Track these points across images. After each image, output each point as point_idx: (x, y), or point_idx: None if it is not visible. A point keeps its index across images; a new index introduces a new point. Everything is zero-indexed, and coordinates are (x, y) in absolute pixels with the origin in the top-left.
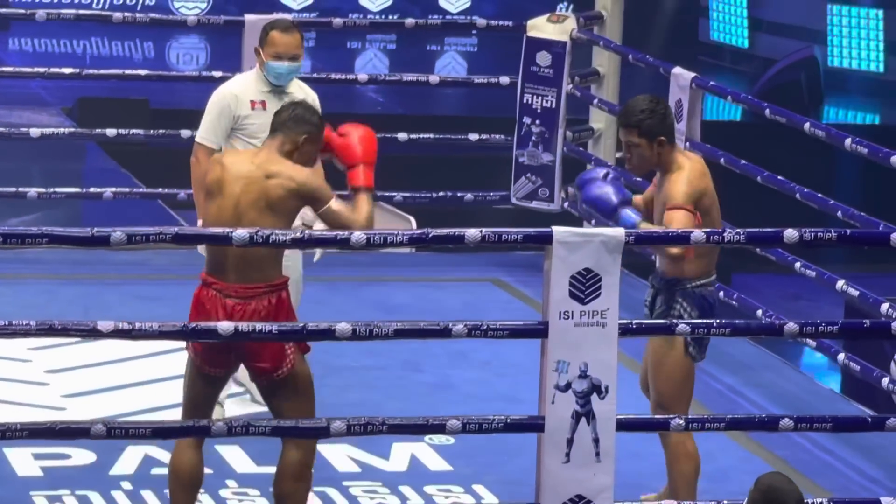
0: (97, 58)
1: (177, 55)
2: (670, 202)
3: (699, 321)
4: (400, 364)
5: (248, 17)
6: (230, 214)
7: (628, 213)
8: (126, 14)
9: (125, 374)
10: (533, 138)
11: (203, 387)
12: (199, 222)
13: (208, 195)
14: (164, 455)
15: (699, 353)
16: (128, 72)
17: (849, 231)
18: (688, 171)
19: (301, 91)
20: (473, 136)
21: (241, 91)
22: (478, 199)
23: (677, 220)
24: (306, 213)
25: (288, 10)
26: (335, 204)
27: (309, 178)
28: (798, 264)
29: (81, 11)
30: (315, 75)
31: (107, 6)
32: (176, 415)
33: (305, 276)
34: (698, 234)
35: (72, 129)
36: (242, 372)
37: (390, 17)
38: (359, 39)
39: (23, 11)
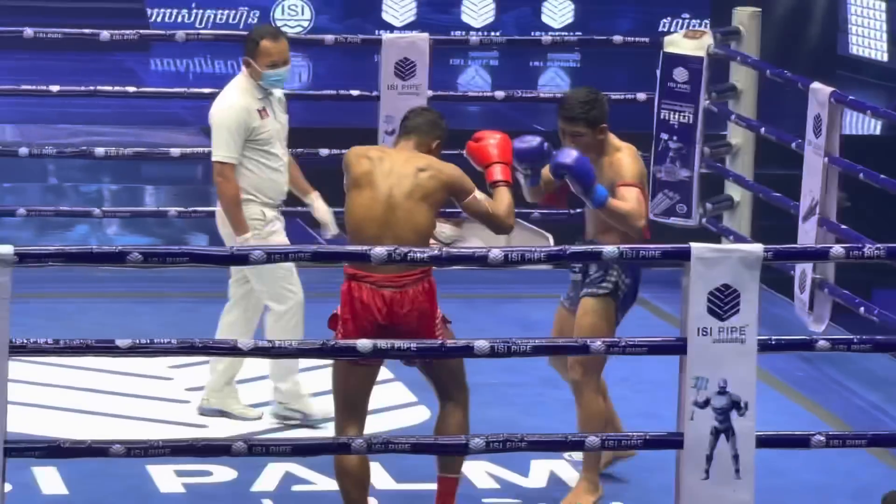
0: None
1: None
2: (622, 180)
3: (840, 337)
4: (538, 381)
5: (386, 36)
6: (383, 206)
7: (601, 187)
8: None
9: (265, 391)
10: (670, 154)
11: (357, 381)
12: (245, 236)
13: (355, 187)
14: (304, 472)
15: (622, 316)
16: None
17: None
18: (630, 153)
19: (279, 92)
20: None
21: (247, 103)
22: None
23: (633, 197)
24: (442, 229)
25: (389, 26)
26: (479, 194)
27: (456, 171)
28: None
29: (220, 32)
30: (450, 92)
31: (210, 25)
32: (318, 431)
33: (444, 292)
34: (838, 249)
35: (211, 149)
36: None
37: (493, 33)
38: (461, 56)
39: (163, 32)
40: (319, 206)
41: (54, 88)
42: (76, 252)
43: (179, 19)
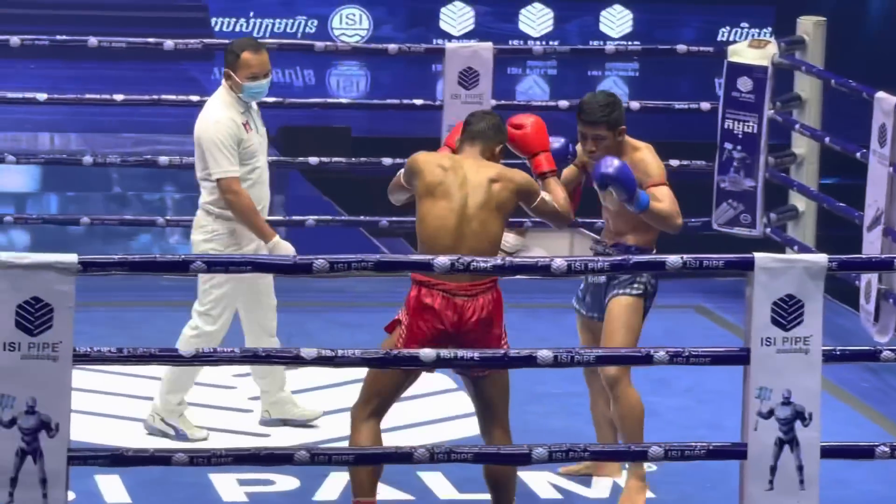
0: (305, 86)
1: (337, 82)
2: (651, 180)
3: None
4: None
5: (449, 46)
6: (457, 216)
7: (643, 192)
8: (328, 43)
9: (328, 400)
10: (734, 164)
11: (400, 379)
12: (272, 242)
13: (428, 196)
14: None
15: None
16: (330, 100)
17: None
18: (651, 151)
19: (255, 104)
20: (674, 162)
21: (234, 116)
22: None
23: (667, 195)
24: (506, 239)
25: (448, 35)
26: (545, 195)
27: (524, 177)
28: None
29: (283, 41)
30: (513, 101)
31: (268, 34)
32: (397, 437)
33: (508, 301)
34: None
35: (275, 158)
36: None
37: (551, 42)
38: (519, 65)
39: (226, 41)
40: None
41: (118, 97)
42: (140, 261)
43: (238, 28)
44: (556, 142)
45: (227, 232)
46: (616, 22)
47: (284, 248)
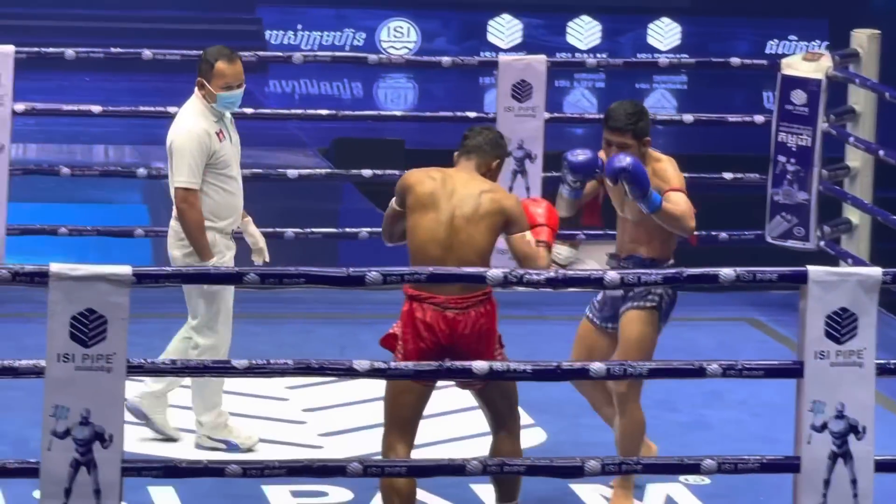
0: (353, 99)
1: (384, 94)
2: (669, 186)
3: None
4: (655, 403)
5: (502, 58)
6: (446, 227)
7: (655, 193)
8: (381, 56)
9: (379, 413)
10: (788, 177)
11: (413, 401)
12: (212, 262)
13: (419, 208)
14: (420, 493)
15: (663, 326)
16: (383, 112)
17: None
18: (672, 163)
19: (229, 113)
20: (728, 175)
21: (207, 126)
22: (732, 238)
23: (682, 200)
24: (559, 250)
25: (496, 48)
26: (528, 235)
27: (516, 202)
28: None
29: (337, 53)
30: (567, 114)
31: (316, 47)
32: (433, 453)
33: (559, 314)
34: None
35: (328, 170)
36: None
37: (598, 55)
38: (566, 78)
39: (281, 54)
40: (254, 232)
41: (172, 110)
42: (193, 273)
43: (287, 41)
44: (584, 154)
45: (219, 237)
46: (664, 35)
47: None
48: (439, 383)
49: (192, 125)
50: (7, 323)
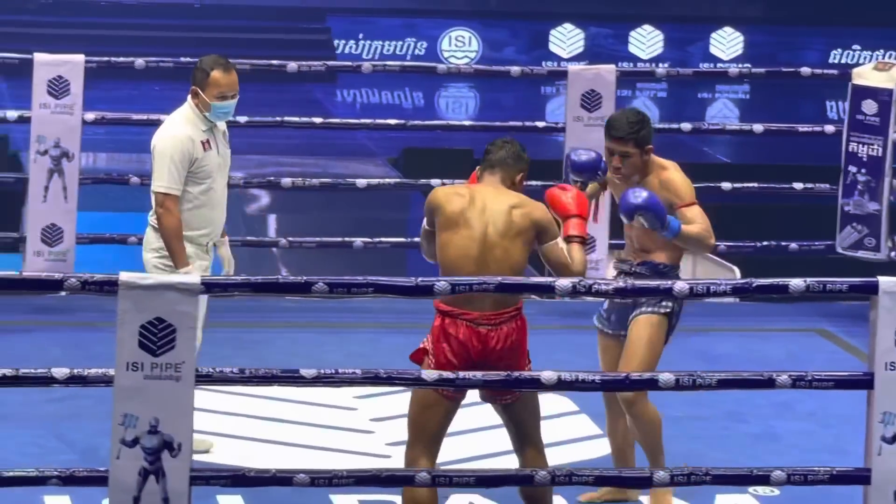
0: (415, 108)
1: (446, 103)
2: (682, 201)
3: None
4: (724, 414)
5: (572, 68)
6: (479, 244)
7: (673, 218)
8: (449, 66)
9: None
10: (859, 187)
11: (441, 414)
12: (186, 269)
13: (450, 226)
14: (487, 503)
15: (669, 338)
16: (452, 122)
17: None
18: (678, 169)
19: (223, 124)
20: (798, 186)
21: (191, 134)
22: (802, 248)
23: (698, 215)
24: None
25: (558, 57)
26: (561, 241)
27: (545, 212)
28: None
29: (406, 63)
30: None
31: (378, 56)
32: (500, 463)
33: None
34: None
35: (397, 180)
36: None
37: (661, 65)
38: (628, 87)
39: (350, 64)
40: (224, 253)
41: (242, 119)
42: (262, 282)
43: (348, 50)
44: (586, 154)
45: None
46: (726, 44)
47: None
48: (465, 400)
49: (177, 130)
50: (77, 332)
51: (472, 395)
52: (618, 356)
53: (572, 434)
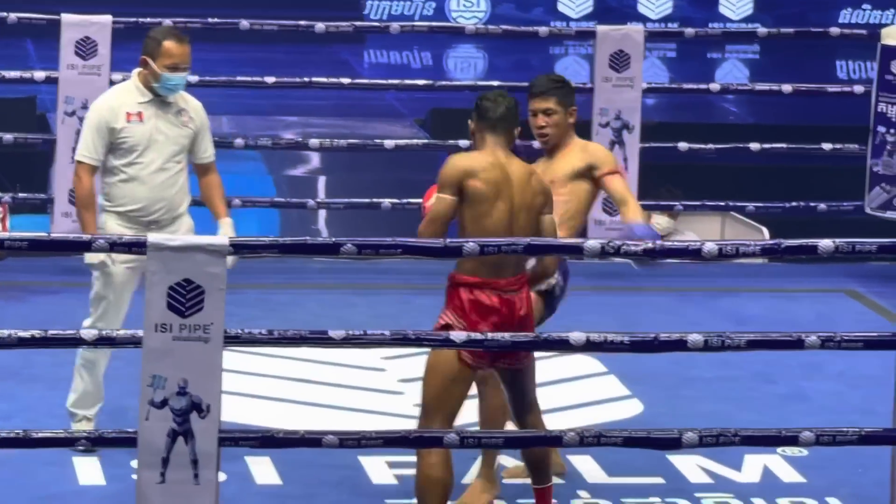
0: (423, 68)
1: (454, 63)
2: (606, 167)
3: None
4: (752, 375)
5: (600, 28)
6: (507, 214)
7: (642, 227)
8: (478, 26)
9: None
10: (888, 147)
11: (462, 383)
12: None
13: (482, 199)
14: (514, 464)
15: (549, 315)
16: (480, 83)
17: None
18: (592, 143)
19: (184, 100)
20: (827, 146)
21: (116, 103)
22: (831, 209)
23: (626, 185)
24: (658, 221)
25: (566, 17)
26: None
27: (548, 184)
28: None
29: (434, 24)
30: (654, 84)
31: (386, 17)
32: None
33: (658, 285)
34: None
35: (425, 141)
36: None
37: (669, 24)
38: None
39: (378, 24)
40: (226, 235)
41: (270, 80)
42: (290, 243)
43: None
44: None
45: (115, 222)
46: (735, 5)
47: (95, 256)
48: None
49: (102, 100)
50: None
51: None
52: None
53: (600, 395)
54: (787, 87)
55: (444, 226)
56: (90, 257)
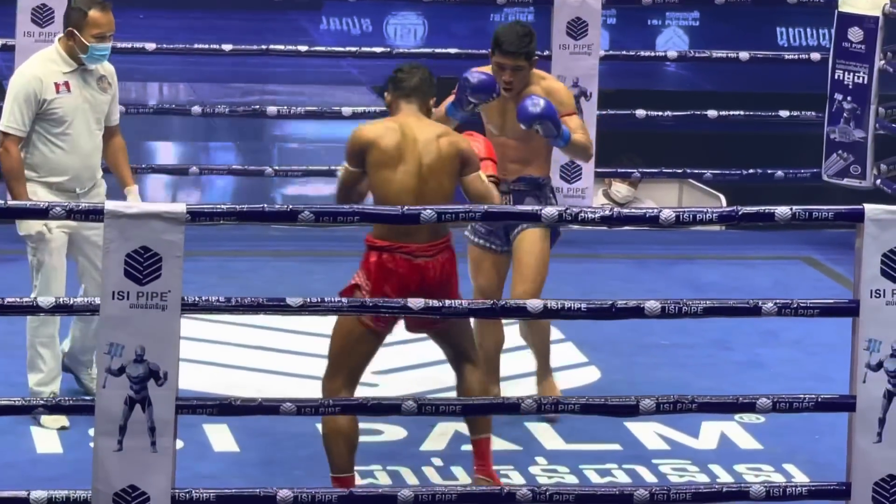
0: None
1: (394, 30)
2: (565, 108)
3: None
4: (710, 342)
5: None
6: (415, 178)
7: (565, 127)
8: None
9: (435, 351)
10: (844, 115)
11: (368, 345)
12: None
13: (387, 163)
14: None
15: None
16: (438, 50)
17: None
18: (557, 80)
19: (102, 65)
20: (784, 113)
21: (43, 73)
22: (788, 176)
23: (582, 125)
24: (618, 189)
25: None
26: (482, 174)
27: (468, 143)
28: None
29: None
30: (611, 52)
31: None
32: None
33: (615, 252)
34: None
35: (383, 108)
36: None
37: None
38: None
39: None
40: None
41: (227, 47)
42: (248, 211)
43: None
44: (481, 75)
45: (45, 193)
46: None
47: (32, 225)
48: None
49: (27, 69)
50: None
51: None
52: (503, 270)
53: (558, 362)
54: (744, 55)
55: (349, 194)
56: (27, 227)
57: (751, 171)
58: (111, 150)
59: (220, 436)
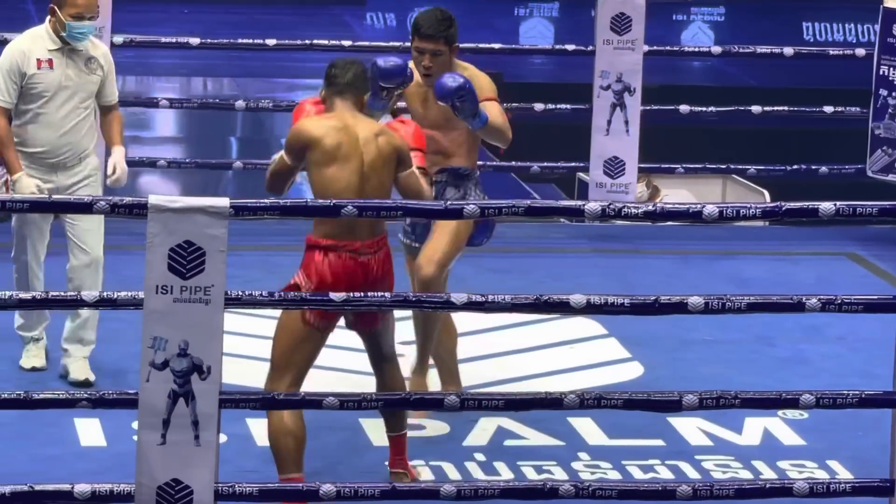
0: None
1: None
2: (485, 94)
3: None
4: (753, 338)
5: None
6: (358, 175)
7: (483, 109)
8: None
9: (477, 346)
10: (889, 111)
11: (308, 342)
12: (16, 176)
13: (330, 161)
14: (516, 427)
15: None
16: (481, 45)
17: None
18: (477, 70)
19: (94, 47)
20: (829, 109)
21: (28, 49)
22: (833, 171)
23: (500, 111)
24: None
25: None
26: (416, 170)
27: (404, 141)
28: None
29: None
30: (666, 48)
31: None
32: (530, 386)
33: (658, 248)
34: None
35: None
36: None
37: None
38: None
39: None
40: (117, 162)
41: (271, 42)
42: (291, 205)
43: None
44: (394, 60)
45: (22, 162)
46: None
47: (26, 185)
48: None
49: (16, 43)
50: (106, 255)
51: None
52: None
53: (601, 358)
54: (788, 51)
55: (282, 183)
56: (21, 187)
57: (795, 166)
58: (106, 122)
59: (263, 430)
